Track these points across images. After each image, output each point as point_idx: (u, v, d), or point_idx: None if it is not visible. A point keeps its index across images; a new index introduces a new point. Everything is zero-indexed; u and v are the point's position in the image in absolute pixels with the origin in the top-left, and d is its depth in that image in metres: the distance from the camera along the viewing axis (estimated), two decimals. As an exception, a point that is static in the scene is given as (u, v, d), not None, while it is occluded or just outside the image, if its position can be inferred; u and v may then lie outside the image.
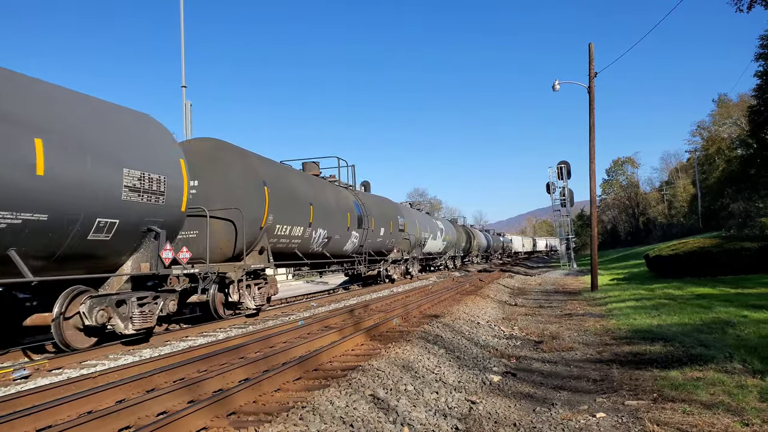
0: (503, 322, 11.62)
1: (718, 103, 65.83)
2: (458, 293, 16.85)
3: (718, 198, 50.39)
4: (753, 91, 35.76)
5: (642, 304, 13.22)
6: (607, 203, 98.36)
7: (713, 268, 19.95)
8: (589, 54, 19.67)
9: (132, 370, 7.04)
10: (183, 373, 6.78)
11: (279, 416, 4.62)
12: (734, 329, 8.76)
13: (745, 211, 35.73)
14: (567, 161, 39.63)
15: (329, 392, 5.25)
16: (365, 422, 4.67)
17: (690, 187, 74.91)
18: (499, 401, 5.64)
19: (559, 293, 19.13)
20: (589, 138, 19.86)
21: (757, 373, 6.04)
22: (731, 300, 12.60)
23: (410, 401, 5.42)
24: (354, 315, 12.45)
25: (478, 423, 5.01)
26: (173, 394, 5.40)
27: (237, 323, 12.15)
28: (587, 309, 13.52)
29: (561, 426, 4.79)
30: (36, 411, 4.91)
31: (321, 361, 7.07)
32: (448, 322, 10.14)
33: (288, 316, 13.80)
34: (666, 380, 6.11)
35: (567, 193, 40.47)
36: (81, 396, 5.42)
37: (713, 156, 61.53)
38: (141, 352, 9.12)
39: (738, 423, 4.59)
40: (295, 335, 9.73)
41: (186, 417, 4.46)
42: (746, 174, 39.15)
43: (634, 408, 5.19)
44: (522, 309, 14.34)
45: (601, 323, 10.69)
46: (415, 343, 7.81)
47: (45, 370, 7.74)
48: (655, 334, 8.83)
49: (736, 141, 52.10)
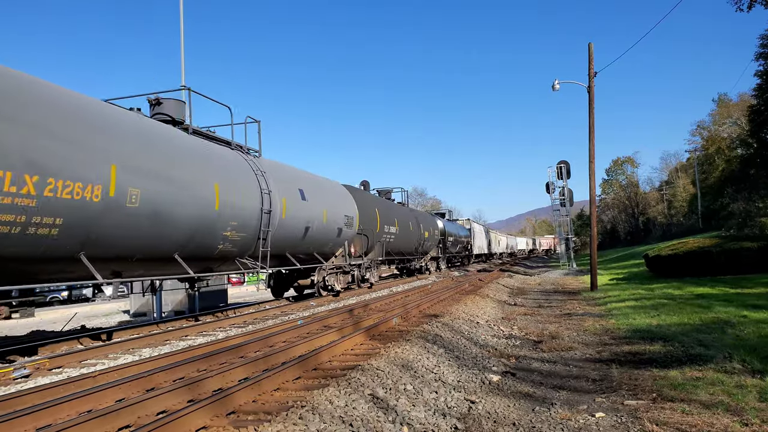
0: (502, 322, 11.63)
1: (718, 103, 65.85)
2: (457, 293, 16.85)
3: (718, 198, 50.38)
4: (753, 90, 35.79)
5: (641, 303, 13.23)
6: (607, 203, 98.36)
7: (713, 268, 19.95)
8: (589, 53, 19.68)
9: (132, 369, 7.05)
10: (183, 373, 6.79)
11: (278, 415, 4.62)
12: (734, 329, 8.77)
13: (745, 211, 35.70)
14: (566, 161, 39.63)
15: (329, 391, 5.25)
16: (365, 421, 4.68)
17: (690, 187, 74.90)
18: (498, 401, 5.65)
19: (559, 293, 19.14)
20: (589, 137, 19.87)
21: (757, 373, 6.05)
22: (731, 300, 12.61)
23: (409, 401, 5.42)
24: (353, 314, 12.45)
25: (477, 422, 5.02)
26: (173, 393, 5.41)
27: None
28: (587, 309, 13.53)
29: (560, 425, 4.80)
30: (36, 410, 4.92)
31: (321, 361, 7.08)
32: (447, 322, 10.14)
33: (287, 315, 13.81)
34: (665, 380, 6.11)
35: (566, 193, 40.47)
36: (81, 395, 5.43)
37: (713, 156, 61.54)
38: (141, 351, 9.13)
39: (737, 423, 4.60)
40: (294, 334, 9.74)
41: (186, 416, 4.46)
42: (746, 174, 39.14)
43: (634, 408, 5.19)
44: (521, 309, 14.34)
45: (601, 323, 10.70)
46: (414, 343, 7.81)
47: (45, 369, 7.75)
48: (655, 334, 8.84)
49: (736, 141, 52.11)
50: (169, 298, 15.67)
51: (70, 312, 19.20)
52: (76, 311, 19.79)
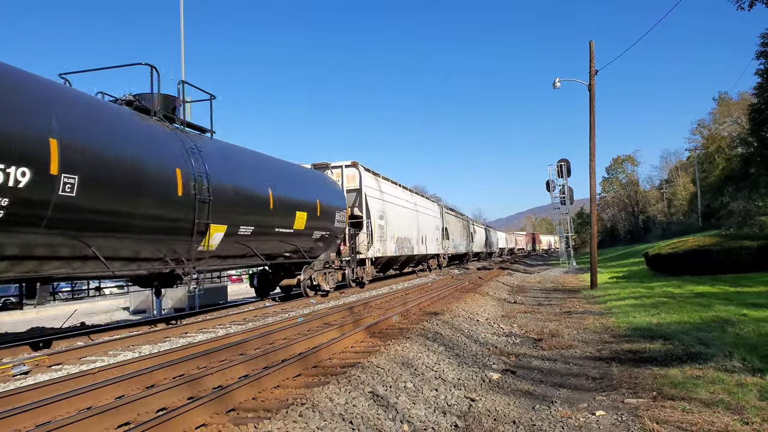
0: (503, 320, 11.63)
1: (718, 102, 65.67)
2: (457, 290, 16.85)
3: (718, 196, 50.40)
4: (753, 89, 35.76)
5: (641, 302, 13.23)
6: (607, 201, 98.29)
7: (713, 267, 19.94)
8: (590, 52, 19.65)
9: (132, 366, 7.04)
10: (183, 370, 6.78)
11: (278, 413, 4.62)
12: (734, 328, 8.76)
13: (745, 210, 35.74)
14: (567, 159, 39.66)
15: (329, 389, 5.24)
16: (365, 419, 4.67)
17: (690, 186, 74.86)
18: (498, 399, 5.64)
19: (559, 291, 19.14)
20: (590, 135, 19.85)
21: (757, 372, 6.04)
22: (731, 298, 12.60)
23: (410, 398, 5.42)
24: (353, 312, 12.45)
25: (477, 420, 5.01)
26: (173, 390, 5.40)
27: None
28: (587, 307, 13.52)
29: (560, 424, 4.79)
30: (35, 407, 4.91)
31: (321, 358, 7.07)
32: (447, 320, 10.14)
33: (287, 312, 13.81)
34: (665, 378, 6.10)
35: (567, 191, 40.49)
36: (80, 392, 5.43)
37: (713, 154, 61.45)
38: (140, 349, 9.13)
39: (738, 421, 4.59)
40: (294, 332, 9.73)
41: (185, 413, 4.45)
42: (746, 172, 39.16)
43: (634, 406, 5.19)
44: (521, 306, 14.34)
45: (601, 321, 10.69)
46: (414, 341, 7.81)
47: (45, 366, 7.75)
48: (655, 333, 8.83)
49: (736, 139, 52.04)
50: (169, 294, 15.63)
51: (70, 309, 19.19)
52: (75, 308, 19.79)
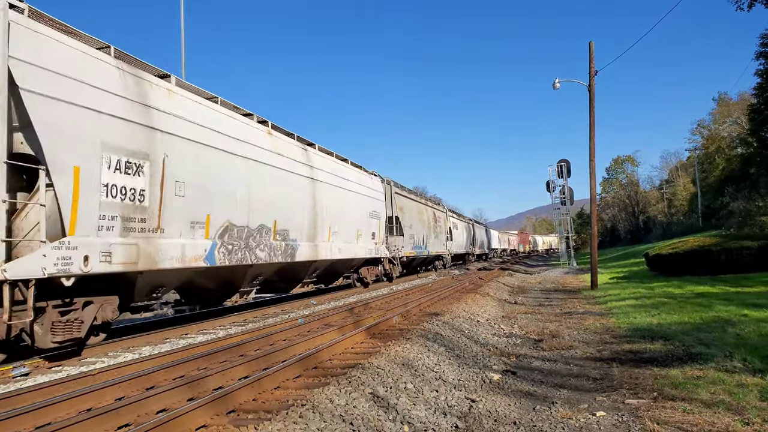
0: (503, 321, 11.62)
1: (718, 102, 65.69)
2: (458, 291, 16.85)
3: (718, 196, 50.36)
4: (753, 89, 35.78)
5: (642, 302, 13.22)
6: (607, 202, 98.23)
7: (713, 267, 19.94)
8: (590, 52, 19.65)
9: (132, 367, 7.04)
10: (183, 371, 6.78)
11: (279, 414, 4.61)
12: (734, 328, 8.75)
13: (745, 210, 35.69)
14: (567, 159, 39.67)
15: (329, 390, 5.24)
16: (365, 420, 4.66)
17: (690, 186, 74.85)
18: (499, 399, 5.63)
19: (559, 291, 19.13)
20: (590, 136, 19.84)
21: (758, 372, 6.03)
22: (731, 299, 12.59)
23: (410, 399, 5.41)
24: (354, 313, 12.44)
25: (477, 421, 5.00)
26: (173, 391, 5.40)
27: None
28: (587, 307, 13.51)
29: (561, 424, 4.78)
30: (36, 408, 4.91)
31: (321, 359, 7.07)
32: (447, 320, 10.13)
33: (288, 313, 13.80)
34: (666, 379, 6.10)
35: (567, 191, 40.51)
36: (81, 393, 5.42)
37: (713, 155, 61.46)
38: (141, 350, 9.12)
39: (738, 422, 4.58)
40: (295, 333, 9.73)
41: (186, 415, 4.45)
42: (746, 173, 39.16)
43: (635, 407, 5.18)
44: (522, 307, 14.33)
45: (601, 322, 10.69)
46: (415, 341, 7.80)
47: (45, 368, 7.74)
48: (655, 333, 8.82)
49: (736, 140, 52.07)
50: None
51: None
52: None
